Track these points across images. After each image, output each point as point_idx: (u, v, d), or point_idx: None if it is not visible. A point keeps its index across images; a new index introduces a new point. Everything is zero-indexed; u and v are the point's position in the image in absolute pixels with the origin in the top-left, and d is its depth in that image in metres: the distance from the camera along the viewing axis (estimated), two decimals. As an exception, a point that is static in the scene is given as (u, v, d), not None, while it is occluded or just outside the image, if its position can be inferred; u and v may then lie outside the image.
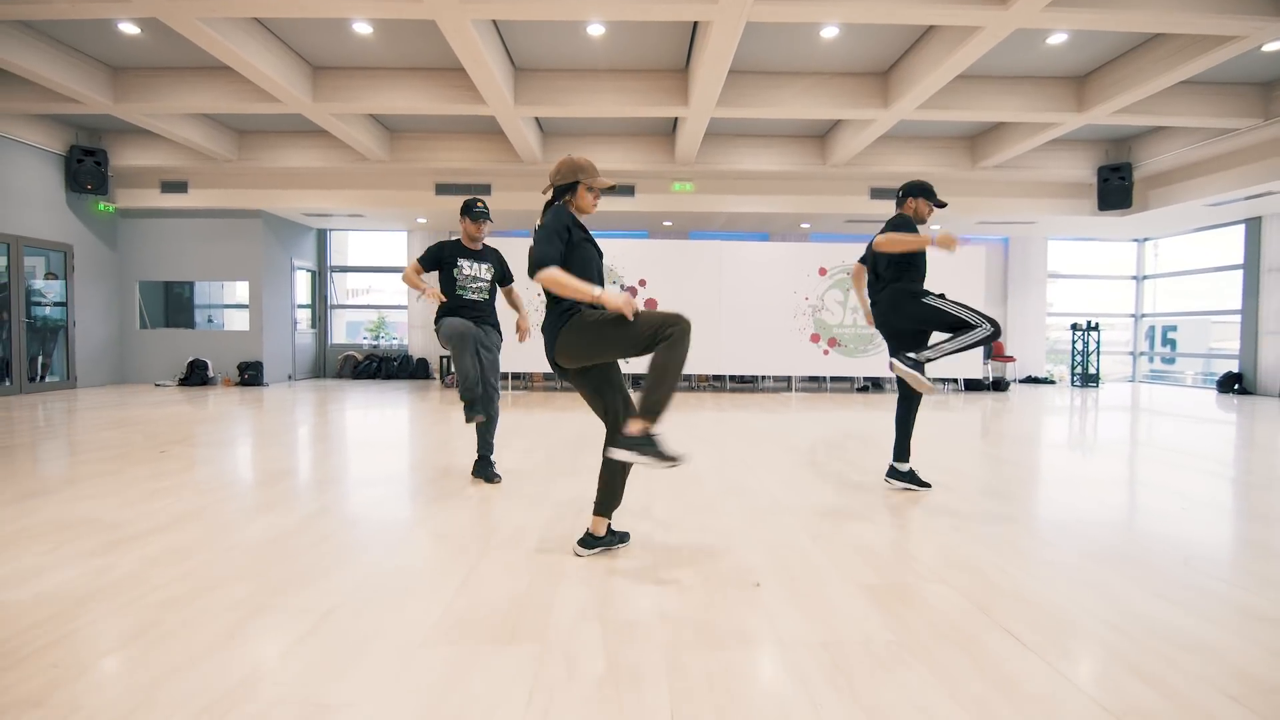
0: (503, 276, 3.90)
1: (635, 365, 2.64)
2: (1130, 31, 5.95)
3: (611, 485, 2.53)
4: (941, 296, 3.42)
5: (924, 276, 3.55)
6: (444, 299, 3.70)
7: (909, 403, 3.64)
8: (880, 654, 1.79)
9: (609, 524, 2.59)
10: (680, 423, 6.49)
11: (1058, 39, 6.27)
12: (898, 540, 2.83)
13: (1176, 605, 2.14)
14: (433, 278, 3.87)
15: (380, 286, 14.21)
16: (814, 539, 2.81)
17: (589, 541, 2.55)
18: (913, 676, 1.68)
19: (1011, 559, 2.59)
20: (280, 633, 1.89)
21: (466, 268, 3.74)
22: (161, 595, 2.15)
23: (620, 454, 2.26)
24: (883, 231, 3.41)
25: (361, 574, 2.36)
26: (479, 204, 3.75)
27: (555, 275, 2.29)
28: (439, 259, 3.73)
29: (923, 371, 3.36)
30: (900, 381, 3.53)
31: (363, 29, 6.18)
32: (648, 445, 2.23)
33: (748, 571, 2.42)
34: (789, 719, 1.49)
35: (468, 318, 3.68)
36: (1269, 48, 6.33)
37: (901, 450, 3.67)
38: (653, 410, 2.26)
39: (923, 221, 3.58)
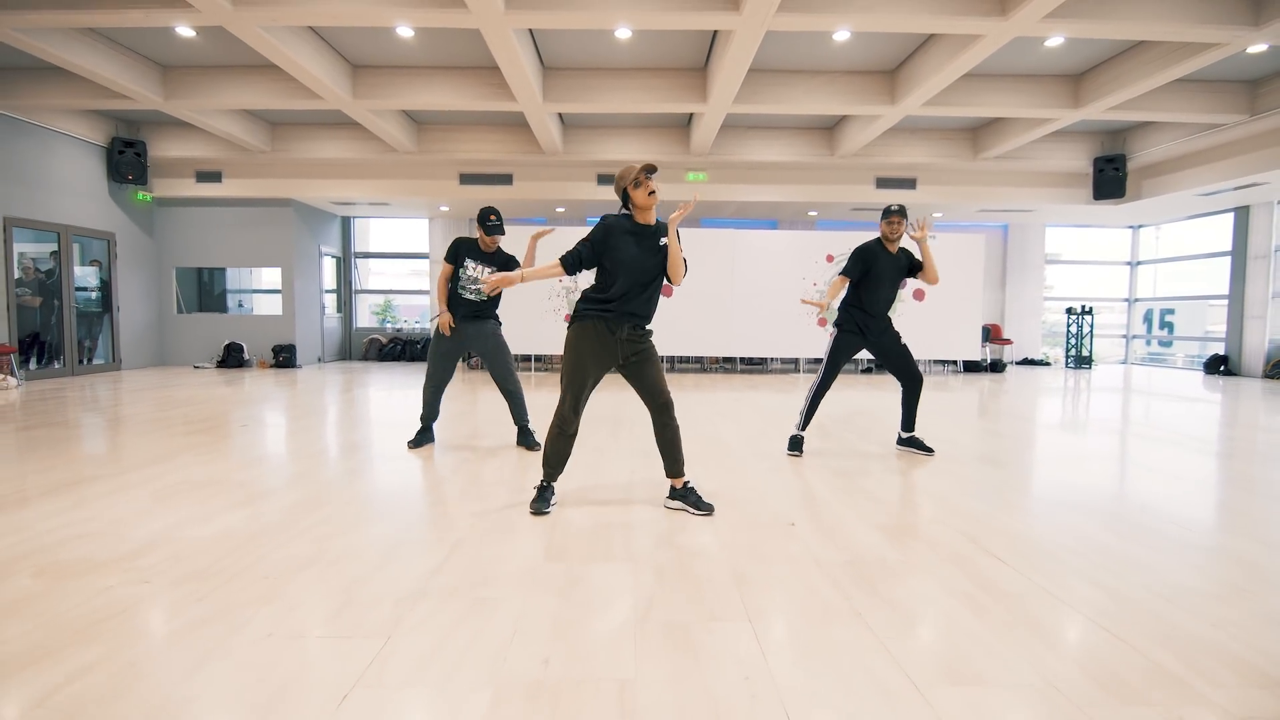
0: (505, 268, 4.11)
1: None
2: (1123, 38, 6.37)
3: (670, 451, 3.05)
4: (836, 338, 4.14)
5: (861, 306, 4.11)
6: (450, 322, 4.12)
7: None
8: (893, 568, 2.33)
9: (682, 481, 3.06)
10: (700, 400, 7.01)
11: (1055, 42, 6.69)
12: (904, 494, 3.36)
13: (1129, 540, 2.68)
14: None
15: (381, 270, 14.65)
16: (834, 492, 3.35)
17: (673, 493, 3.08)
18: (918, 581, 2.22)
19: (999, 507, 3.12)
20: (425, 556, 2.43)
21: (470, 268, 4.04)
22: (314, 533, 2.68)
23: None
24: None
25: (469, 517, 2.90)
26: (491, 217, 3.97)
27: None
28: (456, 255, 4.06)
29: (797, 447, 4.20)
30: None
31: (405, 32, 6.60)
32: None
33: (782, 515, 2.95)
34: (830, 607, 2.02)
35: (462, 315, 4.10)
36: (1253, 49, 6.74)
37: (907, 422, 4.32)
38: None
39: (894, 238, 4.06)
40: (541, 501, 2.93)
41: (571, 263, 2.81)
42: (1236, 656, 1.75)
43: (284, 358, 10.73)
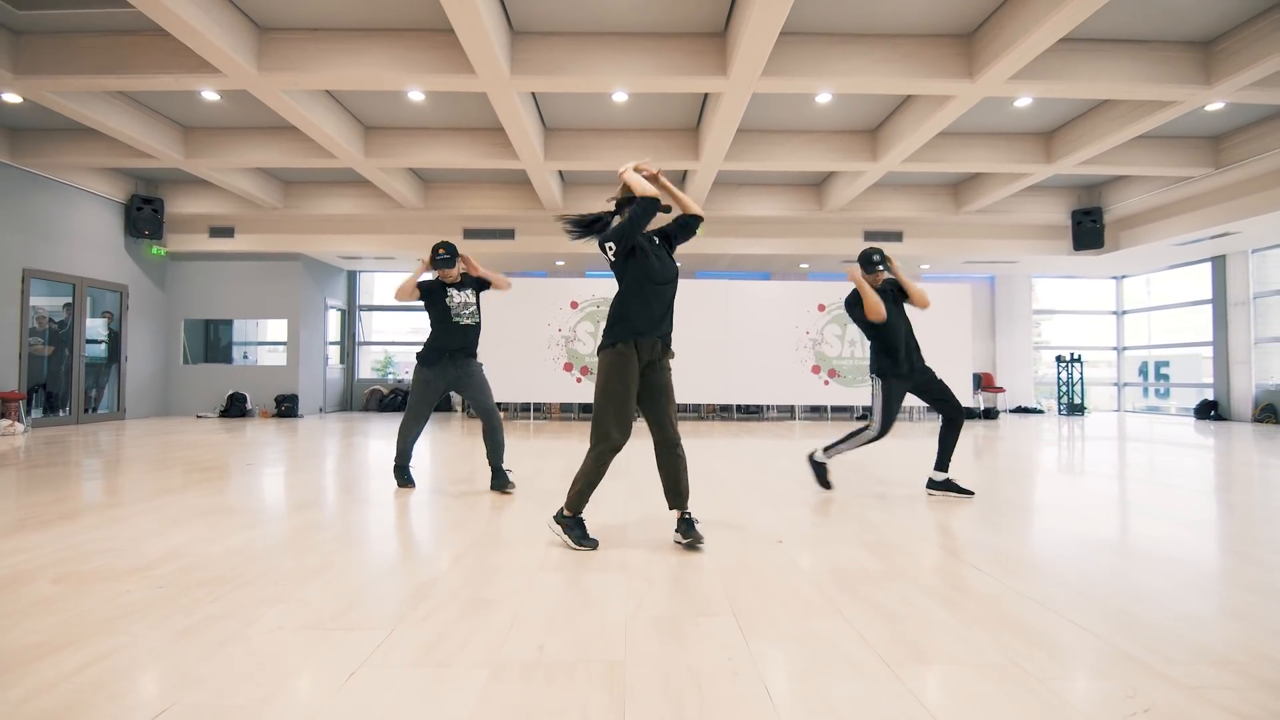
0: (482, 286, 4.16)
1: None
2: (1084, 97, 6.83)
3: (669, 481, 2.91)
4: (885, 386, 3.96)
5: (887, 350, 3.96)
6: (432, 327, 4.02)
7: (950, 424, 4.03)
8: (875, 576, 2.43)
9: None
10: (698, 445, 7.13)
11: (1023, 102, 7.14)
12: (890, 517, 3.46)
13: (1098, 551, 2.79)
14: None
15: (381, 327, 14.84)
16: (823, 516, 3.46)
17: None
18: (899, 585, 2.32)
19: (981, 527, 3.23)
20: (429, 566, 2.53)
21: (457, 295, 4.03)
22: (322, 550, 2.79)
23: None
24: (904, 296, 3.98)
25: (470, 538, 3.00)
26: (439, 252, 3.91)
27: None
28: (429, 292, 4.05)
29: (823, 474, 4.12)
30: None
31: (416, 96, 7.05)
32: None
33: (771, 534, 3.06)
34: (811, 604, 2.13)
35: (455, 348, 4.00)
36: (1211, 108, 7.20)
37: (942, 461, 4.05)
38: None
39: (877, 283, 3.99)
40: (581, 538, 2.79)
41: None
42: (1193, 641, 1.85)
43: (286, 407, 10.87)
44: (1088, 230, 10.14)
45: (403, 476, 4.21)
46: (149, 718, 1.43)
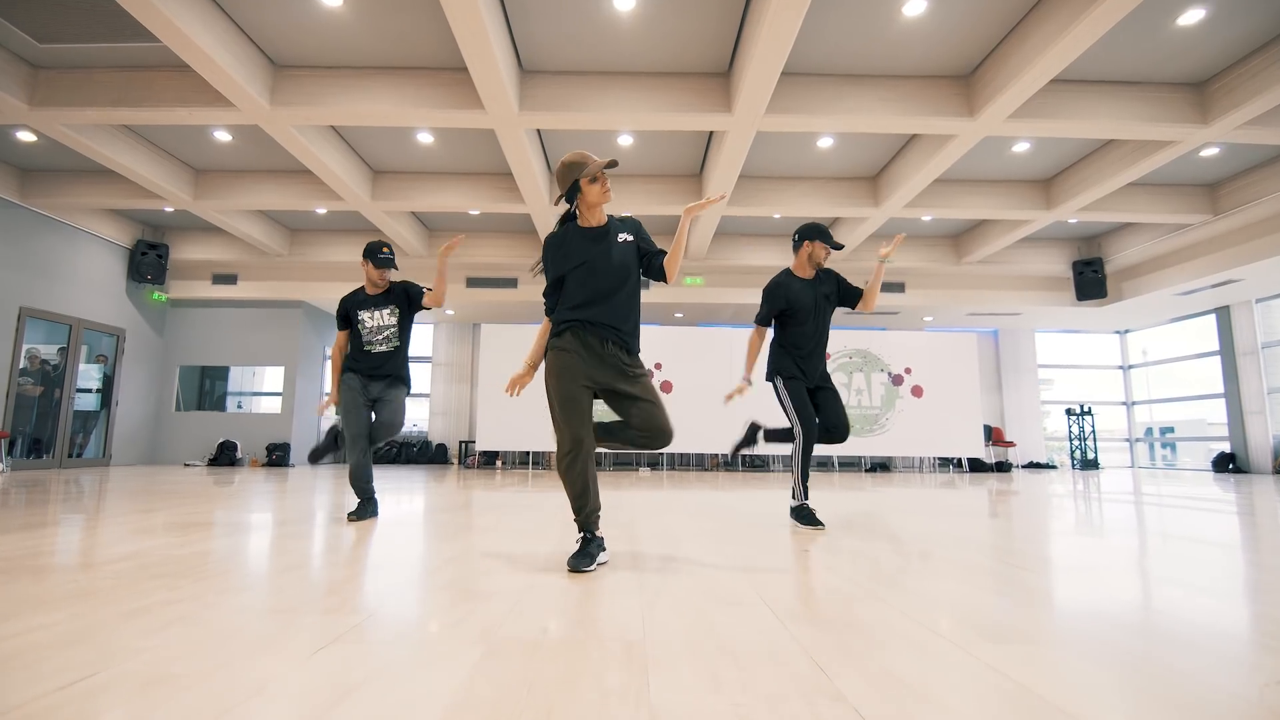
0: (410, 305, 3.63)
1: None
2: (1085, 139, 6.96)
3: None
4: (787, 386, 3.55)
5: (793, 346, 3.62)
6: (336, 400, 3.61)
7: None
8: (914, 571, 2.17)
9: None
10: (701, 496, 6.82)
11: (1021, 147, 7.26)
12: (922, 533, 3.19)
13: (1081, 575, 2.53)
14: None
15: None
16: (849, 533, 3.18)
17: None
18: (939, 581, 2.06)
19: (986, 534, 2.96)
20: (418, 564, 2.27)
21: (368, 319, 3.57)
22: (302, 552, 2.52)
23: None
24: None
25: (458, 550, 2.73)
26: (384, 249, 3.57)
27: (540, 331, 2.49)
28: (346, 317, 3.60)
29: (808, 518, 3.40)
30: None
31: (425, 138, 7.16)
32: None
33: (796, 547, 2.79)
34: (850, 596, 1.87)
35: (368, 373, 3.59)
36: (1206, 153, 7.34)
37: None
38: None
39: (819, 264, 3.57)
40: (583, 557, 2.23)
41: (548, 306, 2.47)
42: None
43: (277, 456, 10.55)
44: (1089, 280, 10.15)
45: (365, 509, 3.68)
46: (63, 684, 1.17)
